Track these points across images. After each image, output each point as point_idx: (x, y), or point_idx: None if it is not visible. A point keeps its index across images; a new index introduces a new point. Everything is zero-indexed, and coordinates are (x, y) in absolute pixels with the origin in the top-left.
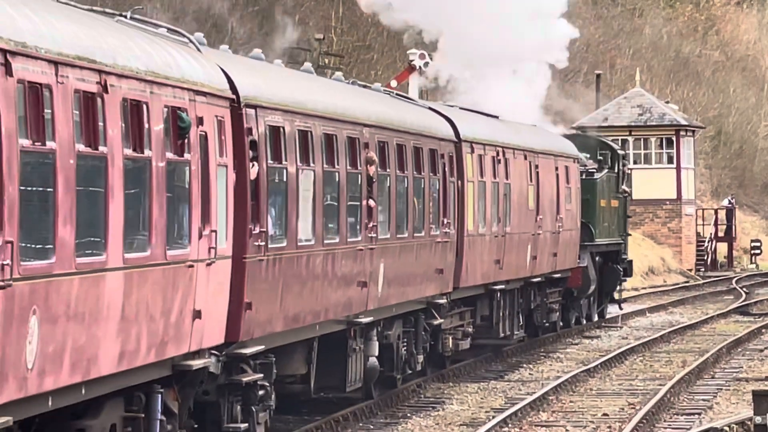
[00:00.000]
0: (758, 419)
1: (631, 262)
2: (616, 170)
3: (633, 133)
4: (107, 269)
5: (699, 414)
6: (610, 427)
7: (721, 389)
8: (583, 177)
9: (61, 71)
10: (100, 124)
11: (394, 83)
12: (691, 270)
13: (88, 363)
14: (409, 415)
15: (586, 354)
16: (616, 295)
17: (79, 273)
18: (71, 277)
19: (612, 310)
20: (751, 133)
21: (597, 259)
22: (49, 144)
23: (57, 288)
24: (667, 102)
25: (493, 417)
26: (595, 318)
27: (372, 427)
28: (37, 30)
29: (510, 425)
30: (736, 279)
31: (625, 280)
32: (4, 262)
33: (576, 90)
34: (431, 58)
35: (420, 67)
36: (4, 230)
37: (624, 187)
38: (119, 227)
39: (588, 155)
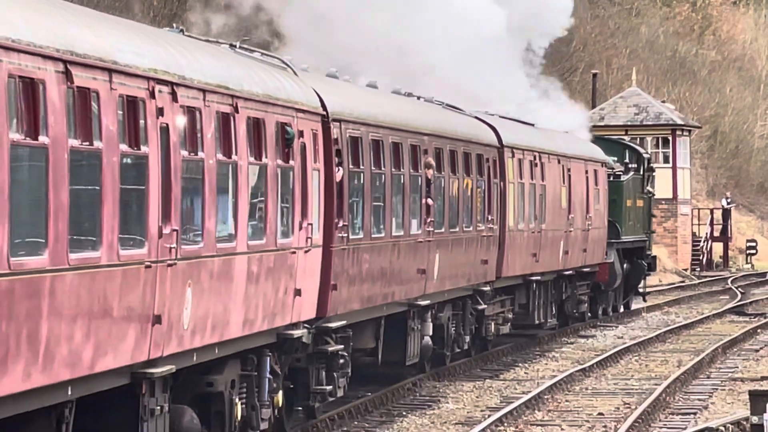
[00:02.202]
0: (755, 419)
1: (655, 257)
2: (641, 172)
3: (629, 133)
4: (236, 253)
5: (694, 414)
6: (605, 426)
7: (717, 389)
8: (611, 179)
9: (207, 97)
10: (233, 138)
11: None
12: (686, 270)
13: (222, 327)
14: (404, 413)
15: (581, 353)
16: (640, 289)
17: (219, 255)
18: (213, 259)
19: (637, 302)
20: (747, 133)
21: (623, 254)
22: (200, 154)
23: (204, 267)
24: (664, 101)
25: (489, 416)
26: (621, 309)
27: (368, 425)
28: (190, 65)
29: (505, 424)
30: (731, 279)
31: (649, 275)
32: (171, 246)
33: (572, 88)
34: None
35: None
36: (171, 222)
37: (648, 188)
38: (245, 220)
39: (615, 158)
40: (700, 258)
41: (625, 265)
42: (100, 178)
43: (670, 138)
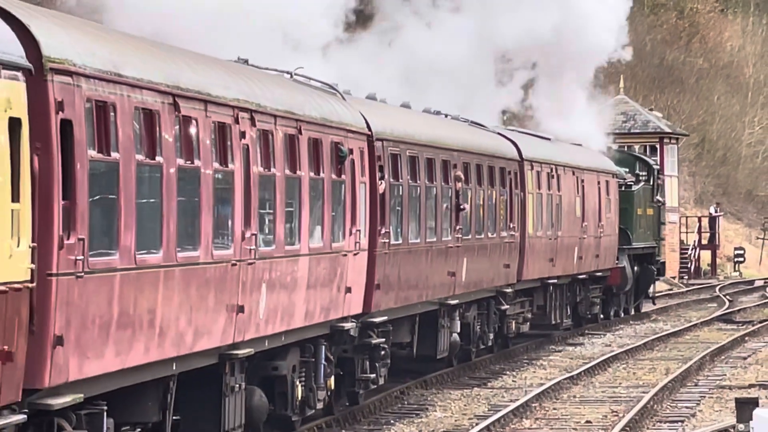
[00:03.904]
0: (741, 426)
1: (664, 263)
2: (651, 183)
3: (616, 141)
4: (300, 255)
5: (682, 421)
6: None
7: (705, 397)
8: (622, 189)
9: (278, 121)
10: (297, 155)
11: None
12: (674, 278)
13: (288, 318)
14: (392, 421)
15: (569, 361)
16: (650, 292)
17: (286, 256)
18: (282, 259)
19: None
20: (734, 141)
21: (634, 260)
22: (272, 170)
23: (276, 266)
24: (651, 109)
25: (476, 424)
26: (632, 312)
27: None
28: (264, 94)
29: None
30: (719, 287)
31: (658, 279)
32: (251, 248)
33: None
34: None
35: None
36: (251, 227)
37: (658, 197)
38: (307, 226)
39: (627, 169)
40: (688, 266)
41: (635, 270)
42: (199, 191)
43: (658, 146)
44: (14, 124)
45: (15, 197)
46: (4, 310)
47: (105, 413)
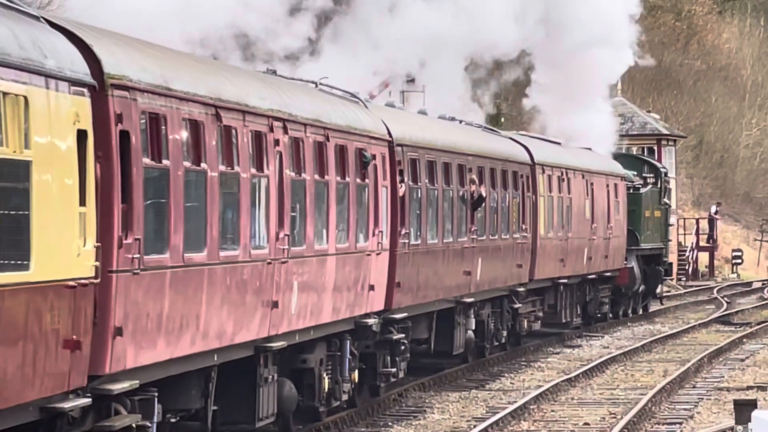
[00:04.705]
0: (739, 428)
1: (671, 264)
2: (658, 185)
3: (614, 143)
4: (328, 254)
5: (680, 423)
6: None
7: (703, 399)
8: (630, 191)
9: (307, 129)
10: (325, 161)
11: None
12: (672, 279)
13: (317, 314)
14: (390, 423)
15: (567, 363)
16: (657, 292)
17: (316, 256)
18: (312, 258)
19: (654, 304)
20: (732, 143)
21: (642, 261)
22: (303, 175)
23: (306, 265)
24: (649, 111)
25: (474, 426)
26: (640, 311)
27: None
28: (294, 104)
29: None
30: (717, 288)
31: (666, 279)
32: (284, 247)
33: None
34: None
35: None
36: (284, 228)
37: (665, 199)
38: (334, 227)
39: (635, 173)
40: (686, 268)
41: (643, 270)
42: (238, 195)
43: (656, 148)
44: (81, 135)
45: (82, 201)
46: (73, 303)
47: (156, 399)
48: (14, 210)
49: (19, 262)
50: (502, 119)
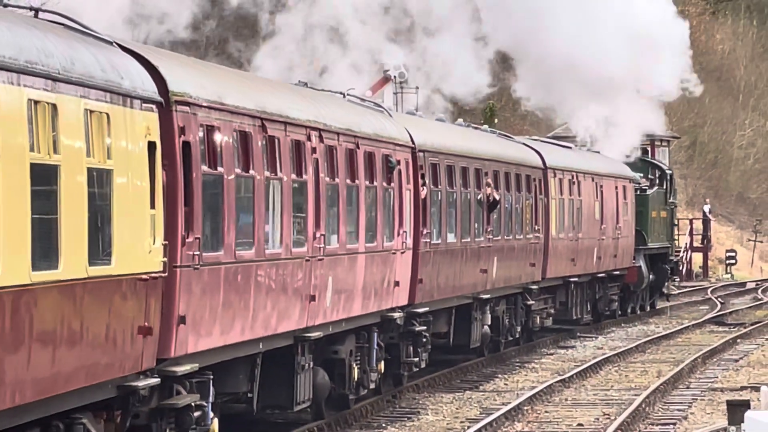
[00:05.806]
0: (732, 429)
1: (677, 262)
2: (664, 187)
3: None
4: (358, 252)
5: (674, 424)
6: None
7: (696, 399)
8: (638, 193)
9: (340, 138)
10: (356, 167)
11: (368, 93)
12: (676, 278)
13: (348, 307)
14: (384, 425)
15: (561, 364)
16: (664, 290)
17: (348, 254)
18: (344, 256)
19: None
20: (726, 143)
21: (649, 260)
22: (336, 180)
23: (339, 262)
24: None
25: (468, 427)
26: (648, 309)
27: None
28: (328, 115)
29: None
30: (711, 289)
31: (671, 278)
32: (320, 246)
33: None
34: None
35: (395, 77)
36: (320, 228)
37: (671, 200)
38: (363, 228)
39: (642, 174)
40: (680, 268)
41: (651, 269)
42: (281, 198)
43: (649, 148)
44: (151, 146)
45: (152, 204)
46: (145, 294)
47: (211, 382)
48: (100, 212)
49: (103, 257)
50: (496, 120)
